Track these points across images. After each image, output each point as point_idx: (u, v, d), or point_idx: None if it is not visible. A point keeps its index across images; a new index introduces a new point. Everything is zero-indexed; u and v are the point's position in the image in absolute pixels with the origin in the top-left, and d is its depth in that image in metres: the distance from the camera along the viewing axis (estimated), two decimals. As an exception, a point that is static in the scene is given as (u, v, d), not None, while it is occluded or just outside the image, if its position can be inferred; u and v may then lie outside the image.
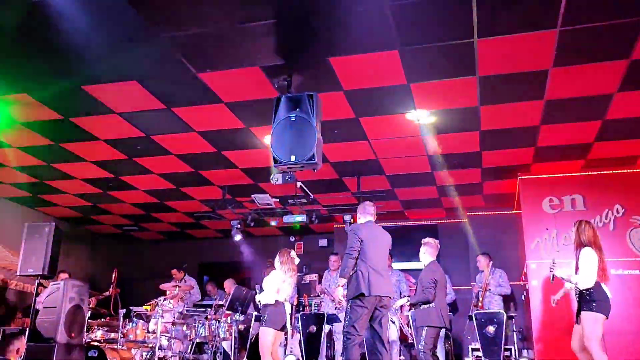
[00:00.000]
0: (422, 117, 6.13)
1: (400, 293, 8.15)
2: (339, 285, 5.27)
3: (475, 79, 5.29)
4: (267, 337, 5.45)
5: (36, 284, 6.52)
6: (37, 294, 6.55)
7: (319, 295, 8.43)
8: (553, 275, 5.28)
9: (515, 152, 7.11)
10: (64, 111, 6.10)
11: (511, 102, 5.75)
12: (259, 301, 5.75)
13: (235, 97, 5.75)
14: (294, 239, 11.42)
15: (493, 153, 7.13)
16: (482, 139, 6.66)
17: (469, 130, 6.45)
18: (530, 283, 7.37)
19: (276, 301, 5.58)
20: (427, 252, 6.21)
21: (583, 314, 4.96)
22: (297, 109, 5.02)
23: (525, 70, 5.13)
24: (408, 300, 6.57)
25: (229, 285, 8.71)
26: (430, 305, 5.89)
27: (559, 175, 7.54)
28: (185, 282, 9.25)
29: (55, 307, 6.38)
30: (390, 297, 5.26)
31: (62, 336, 6.21)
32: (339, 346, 7.91)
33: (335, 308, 8.00)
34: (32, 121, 6.33)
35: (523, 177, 7.73)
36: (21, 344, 4.89)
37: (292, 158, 4.92)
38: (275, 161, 5.03)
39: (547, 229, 7.39)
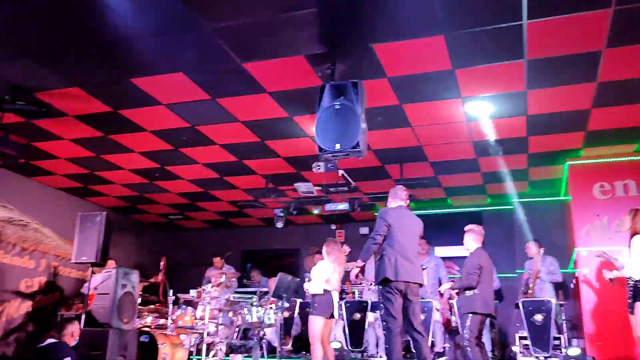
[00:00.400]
0: (467, 103, 6.03)
1: (440, 280, 8.11)
2: (356, 267, 5.20)
3: (523, 62, 5.16)
4: (316, 325, 5.53)
5: (90, 272, 6.78)
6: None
7: (361, 283, 8.42)
8: (611, 279, 5.25)
9: (564, 137, 6.91)
10: (113, 103, 6.26)
11: (561, 85, 5.59)
12: (307, 289, 5.82)
13: (279, 87, 5.78)
14: (334, 227, 11.44)
15: (540, 138, 6.95)
16: (530, 123, 6.51)
17: (515, 115, 6.31)
18: (580, 271, 7.19)
19: (325, 290, 5.64)
20: (472, 239, 6.13)
21: (638, 304, 4.83)
22: (342, 97, 5.01)
23: (577, 52, 4.97)
24: (451, 286, 6.54)
25: (273, 284, 8.77)
26: (475, 291, 5.82)
27: (611, 160, 7.30)
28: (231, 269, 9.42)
29: (108, 294, 6.62)
30: (420, 285, 5.19)
31: (116, 321, 6.43)
32: (379, 332, 7.94)
33: (368, 289, 8.01)
34: (83, 114, 6.52)
35: (572, 162, 7.52)
36: (75, 328, 5.09)
37: (337, 146, 4.92)
38: (320, 150, 5.03)
39: (597, 216, 7.19)
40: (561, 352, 7.00)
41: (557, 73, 5.35)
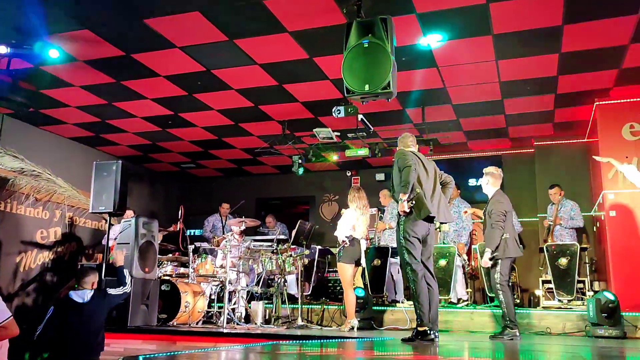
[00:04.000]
0: (498, 41, 5.73)
1: (464, 227, 7.98)
2: (404, 201, 4.83)
3: (562, -6, 4.84)
4: (347, 271, 5.52)
5: (108, 221, 6.67)
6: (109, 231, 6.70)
7: (385, 229, 8.32)
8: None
9: (595, 76, 6.61)
10: (125, 47, 5.98)
11: (600, 18, 5.27)
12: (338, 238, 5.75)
13: (300, 25, 5.47)
14: (350, 173, 11.28)
15: (570, 77, 6.65)
16: (561, 61, 6.20)
17: (548, 53, 6.00)
18: (607, 214, 7.04)
19: (352, 238, 5.56)
20: (490, 183, 5.94)
21: None
22: (369, 35, 4.73)
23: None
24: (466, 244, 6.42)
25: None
26: (505, 236, 5.70)
27: (642, 99, 7.02)
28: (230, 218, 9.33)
29: (128, 243, 6.54)
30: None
31: (138, 271, 6.38)
32: (396, 277, 7.92)
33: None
34: (93, 59, 6.24)
35: (601, 102, 7.23)
36: (95, 278, 5.01)
37: (366, 87, 4.67)
38: (348, 91, 4.78)
39: (626, 157, 6.96)
40: (584, 295, 6.95)
41: (597, 5, 5.03)
